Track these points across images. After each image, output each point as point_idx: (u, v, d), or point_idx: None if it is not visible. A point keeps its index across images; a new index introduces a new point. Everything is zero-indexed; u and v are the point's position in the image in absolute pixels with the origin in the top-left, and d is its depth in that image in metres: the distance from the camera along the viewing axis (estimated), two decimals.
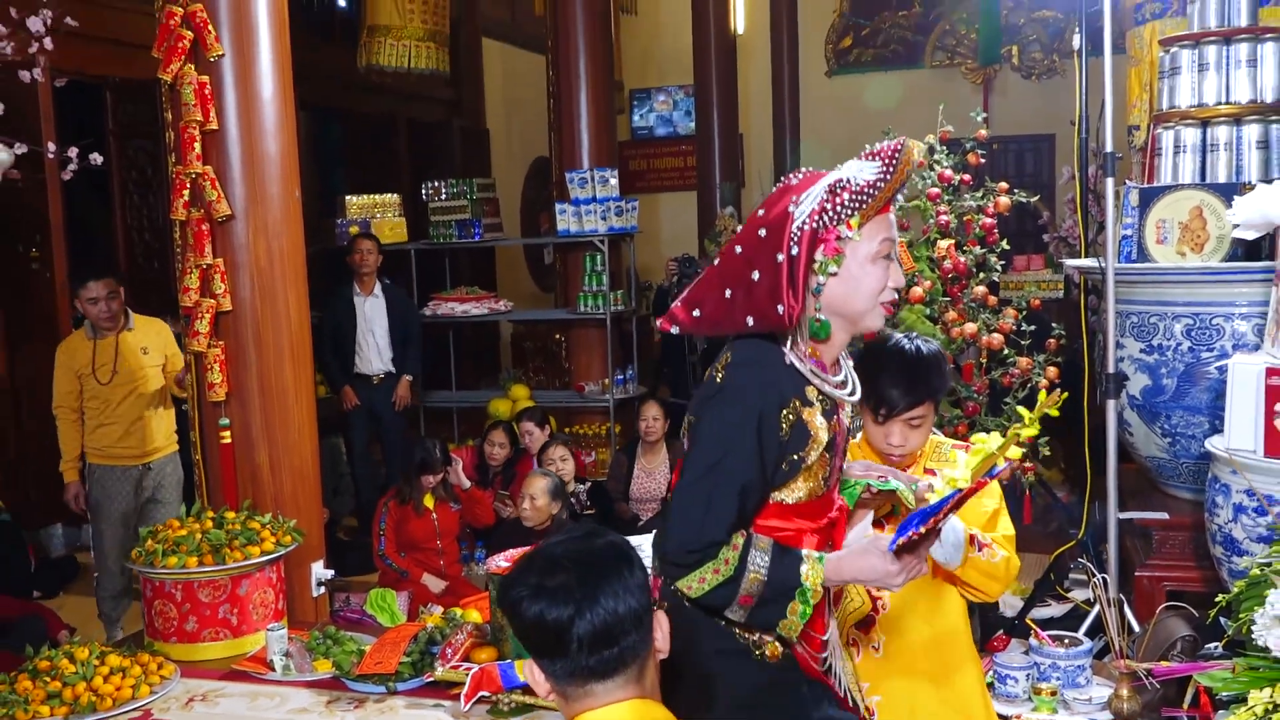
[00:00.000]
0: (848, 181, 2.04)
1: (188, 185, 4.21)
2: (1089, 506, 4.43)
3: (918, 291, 4.67)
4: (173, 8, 4.16)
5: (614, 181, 7.30)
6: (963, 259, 4.73)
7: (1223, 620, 2.92)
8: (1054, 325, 5.00)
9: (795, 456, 2.05)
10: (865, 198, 2.03)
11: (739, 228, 7.96)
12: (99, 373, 4.96)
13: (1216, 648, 2.99)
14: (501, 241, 8.48)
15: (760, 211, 2.11)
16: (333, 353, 6.62)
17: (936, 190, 4.82)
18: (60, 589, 6.06)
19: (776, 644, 2.10)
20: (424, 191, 7.85)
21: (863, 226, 2.05)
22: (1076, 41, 4.60)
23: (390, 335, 6.75)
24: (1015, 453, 2.21)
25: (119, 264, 7.14)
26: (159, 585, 3.78)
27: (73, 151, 5.16)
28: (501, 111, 12.10)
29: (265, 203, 4.28)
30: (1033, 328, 4.76)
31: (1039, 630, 3.46)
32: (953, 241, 4.76)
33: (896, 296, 2.16)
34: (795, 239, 2.02)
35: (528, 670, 1.67)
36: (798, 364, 2.07)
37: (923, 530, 1.98)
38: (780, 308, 2.00)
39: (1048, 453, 4.78)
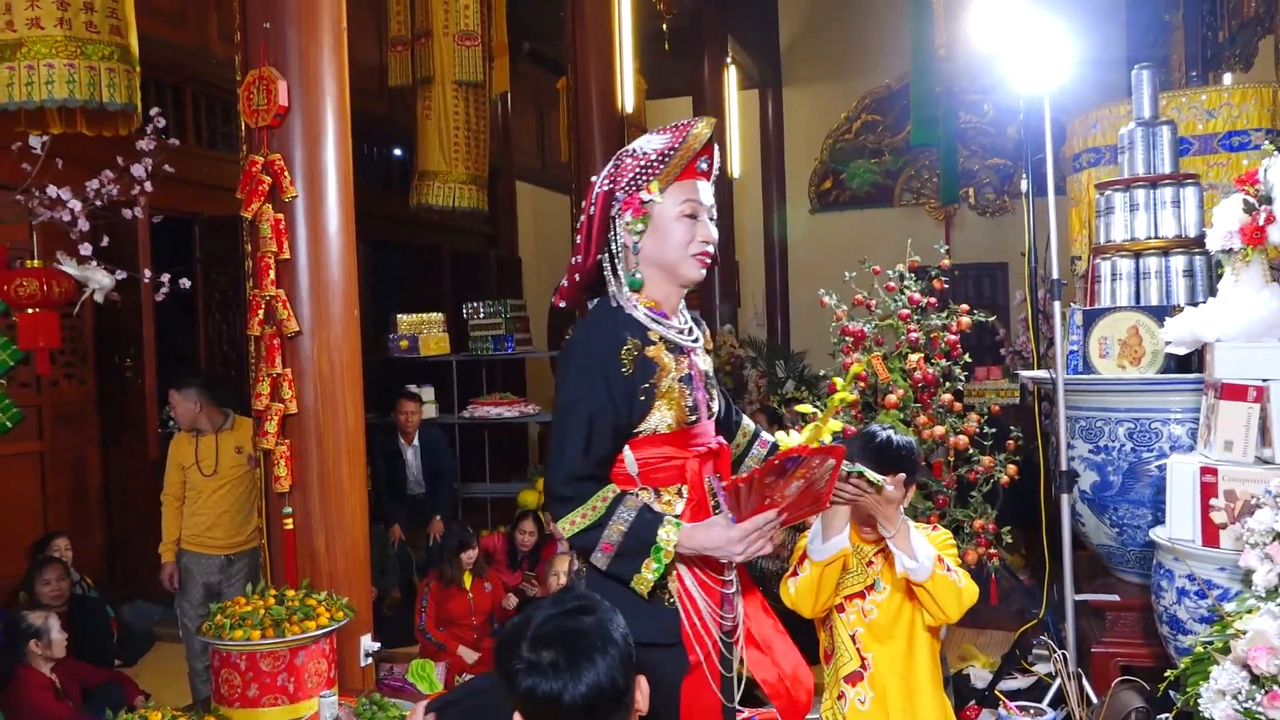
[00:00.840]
0: (634, 151, 2.13)
1: (262, 306, 4.26)
2: (1048, 589, 4.34)
3: (892, 399, 4.67)
4: (255, 156, 4.26)
5: None
6: (931, 370, 4.73)
7: (1172, 693, 2.84)
8: (1012, 428, 4.97)
9: (647, 385, 2.05)
10: (658, 165, 2.09)
11: (736, 343, 7.92)
12: (202, 465, 4.91)
13: (1167, 718, 2.90)
14: (531, 354, 8.52)
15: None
16: (386, 489, 6.64)
17: (907, 311, 4.85)
18: (139, 658, 5.95)
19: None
20: (465, 311, 7.91)
21: (664, 190, 2.11)
22: (1024, 185, 4.67)
23: (423, 472, 6.79)
24: (835, 426, 2.15)
25: (200, 372, 7.18)
26: (226, 655, 3.73)
27: (165, 277, 5.24)
28: (532, 243, 12.27)
29: (328, 321, 4.32)
30: (993, 430, 4.74)
31: (1007, 701, 3.37)
32: (922, 355, 4.77)
33: (709, 249, 2.17)
34: (593, 202, 2.12)
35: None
36: (634, 313, 2.10)
37: (749, 478, 1.91)
38: (576, 257, 2.12)
39: (1010, 540, 4.71)
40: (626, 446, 2.08)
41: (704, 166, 2.18)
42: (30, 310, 4.53)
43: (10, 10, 4.12)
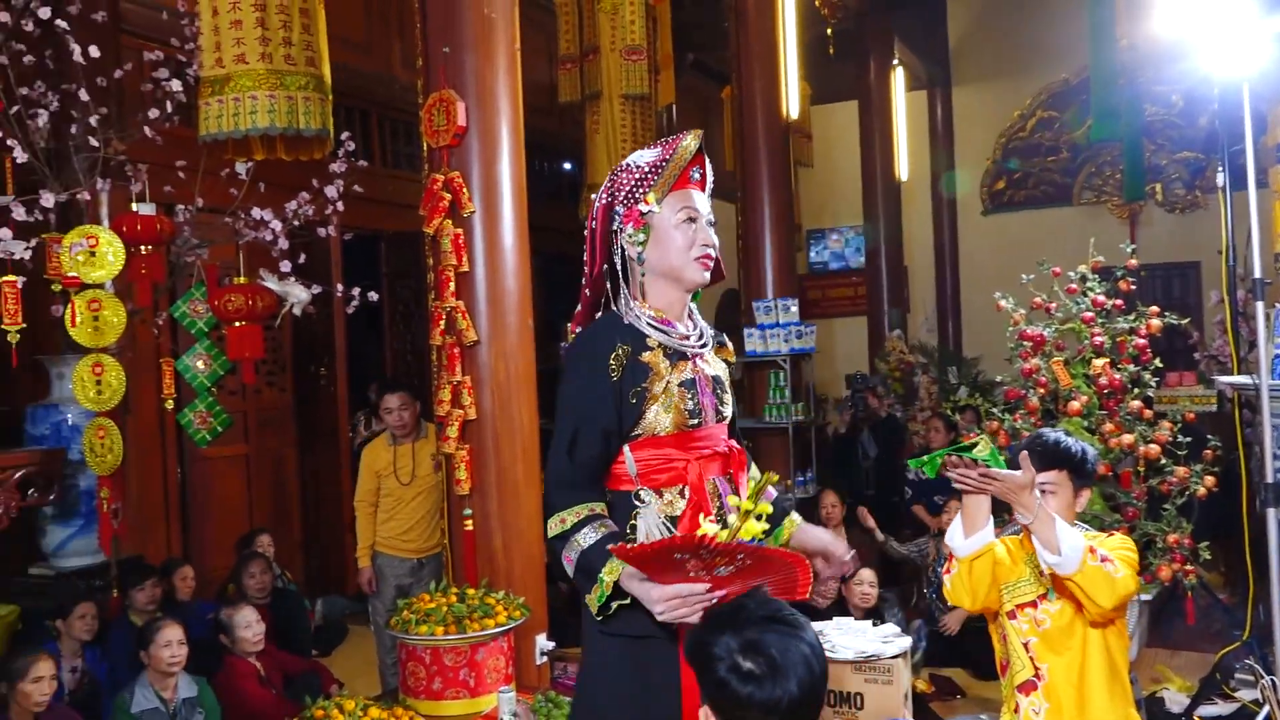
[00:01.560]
0: (628, 166, 2.19)
1: (443, 317, 4.43)
2: (1252, 610, 4.03)
3: (1075, 405, 4.44)
4: (436, 175, 4.45)
5: (794, 309, 7.28)
6: (1118, 376, 4.48)
7: None
8: (1209, 437, 4.64)
9: (638, 389, 2.10)
10: (651, 177, 2.16)
11: (906, 349, 7.72)
12: (399, 474, 4.96)
13: None
14: None
15: None
16: None
17: (1090, 314, 4.61)
18: (333, 649, 6.27)
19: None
20: None
21: (661, 200, 2.16)
22: (1220, 179, 4.36)
23: None
24: (756, 529, 1.92)
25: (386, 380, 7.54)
26: (412, 649, 3.88)
27: (355, 291, 5.53)
28: None
29: (504, 331, 4.45)
30: (1188, 439, 4.43)
31: None
32: (1107, 360, 4.52)
33: (710, 253, 2.20)
34: (594, 216, 2.20)
35: (701, 713, 1.63)
36: (636, 322, 2.16)
37: (658, 544, 1.86)
38: (586, 267, 2.22)
39: (1208, 556, 4.40)
40: (626, 448, 2.13)
41: (697, 176, 2.24)
42: (237, 323, 4.86)
43: (220, 49, 4.44)
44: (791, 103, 8.11)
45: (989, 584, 2.55)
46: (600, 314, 2.28)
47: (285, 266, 5.11)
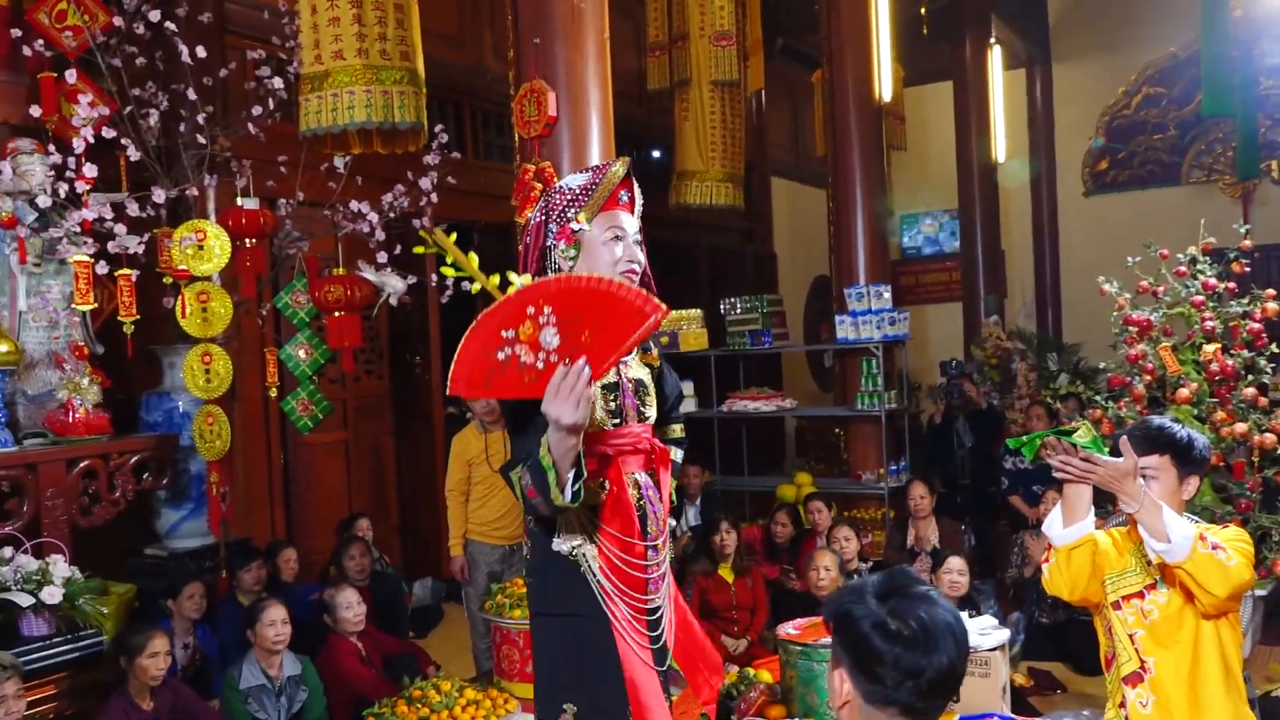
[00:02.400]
0: (560, 189, 2.38)
1: None
2: None
3: (1184, 393, 4.28)
4: (527, 165, 4.50)
5: (887, 295, 7.16)
6: (1230, 362, 4.30)
7: None
8: None
9: None
10: (582, 198, 2.35)
11: (1003, 335, 7.53)
12: (491, 461, 4.96)
13: None
14: (788, 348, 8.48)
15: None
16: None
17: (1201, 298, 4.43)
18: (429, 631, 6.41)
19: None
20: (722, 307, 7.99)
21: (591, 220, 2.34)
22: None
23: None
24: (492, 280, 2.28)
25: None
26: (506, 633, 3.95)
27: (449, 280, 5.62)
28: (787, 238, 12.20)
29: None
30: None
31: None
32: (1219, 346, 4.34)
33: (635, 268, 2.37)
34: (529, 232, 2.39)
35: (836, 676, 1.59)
36: None
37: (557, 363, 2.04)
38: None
39: None
40: None
41: (625, 199, 2.41)
42: (337, 313, 5.00)
43: (319, 46, 4.56)
44: (884, 85, 7.96)
45: (1089, 574, 2.51)
46: None
47: (382, 257, 5.22)
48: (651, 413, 2.44)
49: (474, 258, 2.34)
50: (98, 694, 3.99)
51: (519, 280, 2.27)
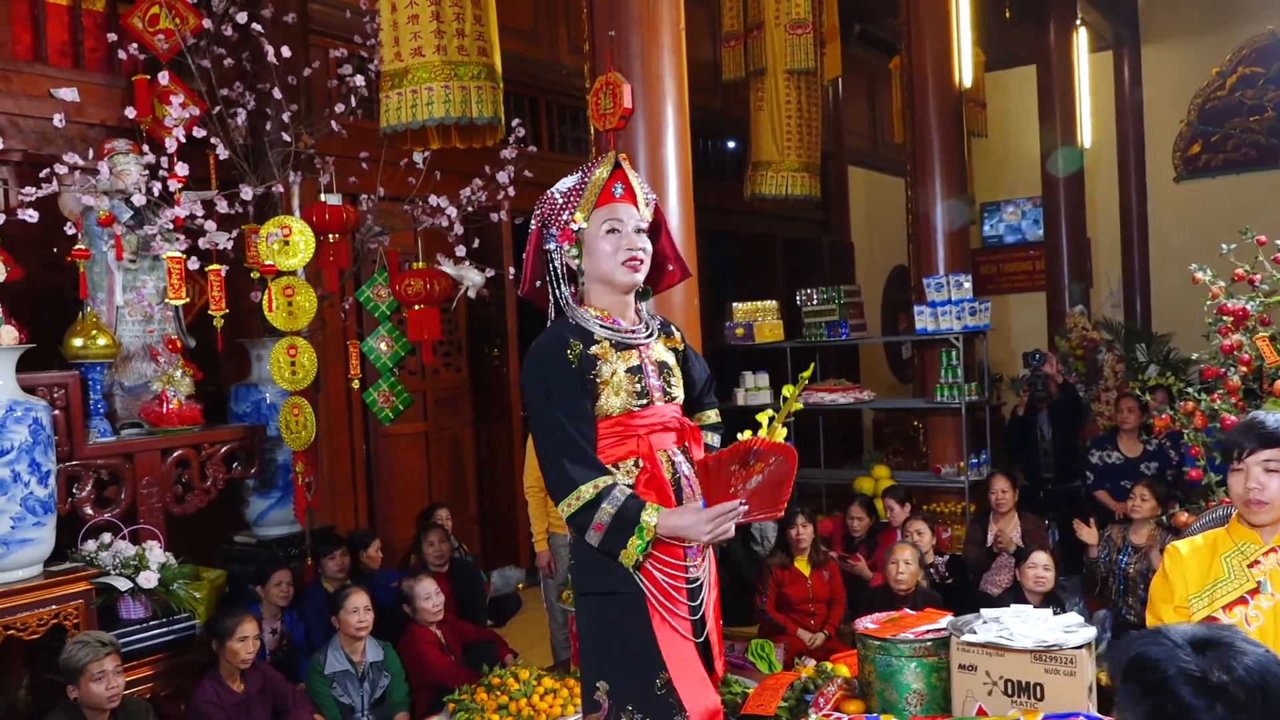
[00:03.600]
0: (550, 195, 2.53)
1: None
2: None
3: None
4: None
5: (968, 285, 7.02)
6: None
7: None
8: None
9: (590, 375, 2.40)
10: (574, 200, 2.49)
11: (1089, 325, 7.32)
12: None
13: None
14: (865, 339, 8.38)
15: None
16: None
17: None
18: (507, 620, 6.50)
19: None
20: (798, 298, 7.93)
21: (588, 217, 2.47)
22: None
23: None
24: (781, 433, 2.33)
25: None
26: None
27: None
28: (864, 227, 12.05)
29: (670, 309, 4.47)
30: None
31: None
32: None
33: (638, 254, 2.47)
34: (529, 239, 2.55)
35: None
36: (583, 322, 2.45)
37: (714, 458, 2.33)
38: (521, 287, 2.58)
39: None
40: None
41: (619, 191, 2.52)
42: (416, 306, 5.08)
43: (399, 43, 4.64)
44: (964, 70, 7.79)
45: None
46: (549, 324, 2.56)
47: (460, 251, 5.29)
48: (678, 393, 2.55)
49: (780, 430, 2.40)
50: (191, 675, 4.13)
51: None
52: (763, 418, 2.34)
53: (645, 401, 2.44)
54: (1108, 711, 3.84)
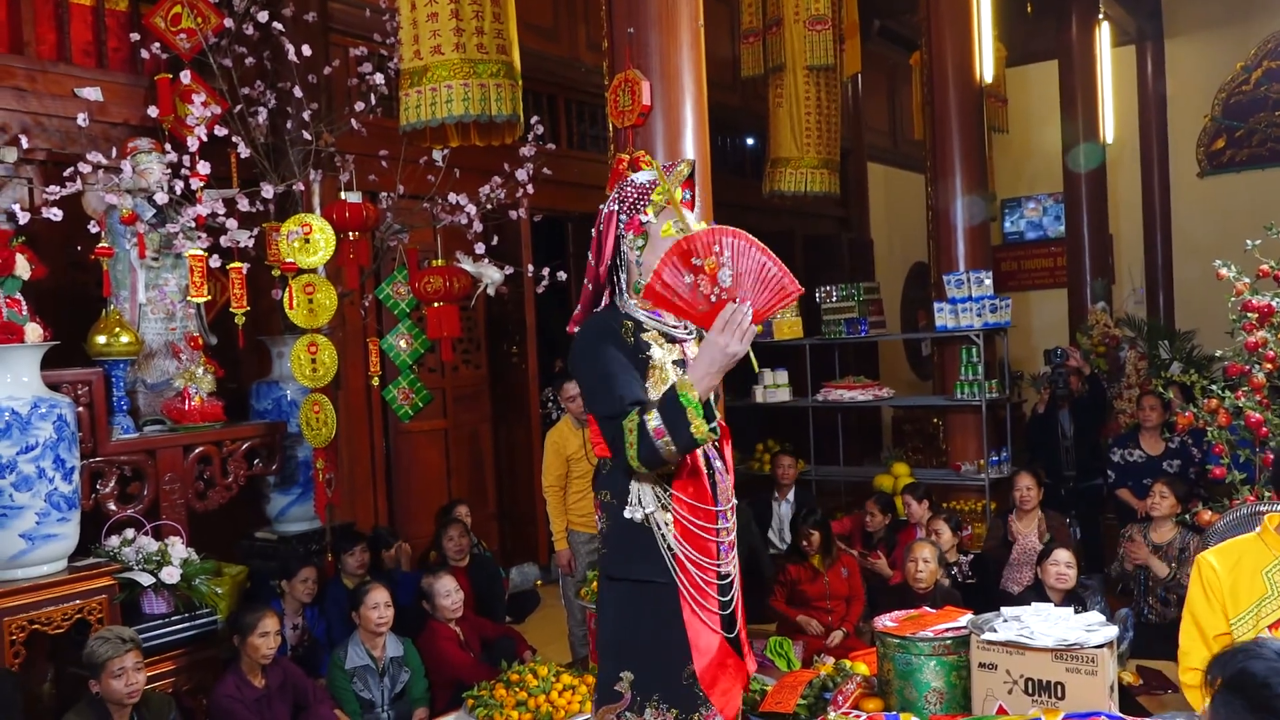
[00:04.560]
0: (632, 181, 2.55)
1: None
2: None
3: None
4: (621, 155, 4.50)
5: (988, 282, 6.98)
6: None
7: None
8: None
9: (642, 356, 2.43)
10: (648, 193, 2.51)
11: (1111, 322, 7.26)
12: (589, 456, 4.94)
13: None
14: (885, 337, 8.35)
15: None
16: None
17: None
18: (526, 616, 6.51)
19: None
20: (817, 295, 7.90)
21: (658, 215, 2.49)
22: None
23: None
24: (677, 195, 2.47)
25: None
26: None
27: (544, 271, 5.69)
28: (884, 224, 12.00)
29: None
30: None
31: None
32: None
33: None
34: (602, 221, 2.55)
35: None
36: (628, 309, 2.51)
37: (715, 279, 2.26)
38: (592, 262, 2.54)
39: None
40: None
41: (687, 196, 2.56)
42: (436, 304, 5.09)
43: (418, 41, 4.65)
44: (985, 65, 7.74)
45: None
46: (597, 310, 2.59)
47: (479, 249, 5.30)
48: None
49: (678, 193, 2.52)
50: (212, 670, 4.17)
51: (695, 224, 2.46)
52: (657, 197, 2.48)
53: None
54: (1129, 710, 3.81)
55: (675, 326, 2.52)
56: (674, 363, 2.46)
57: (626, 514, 2.39)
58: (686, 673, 2.36)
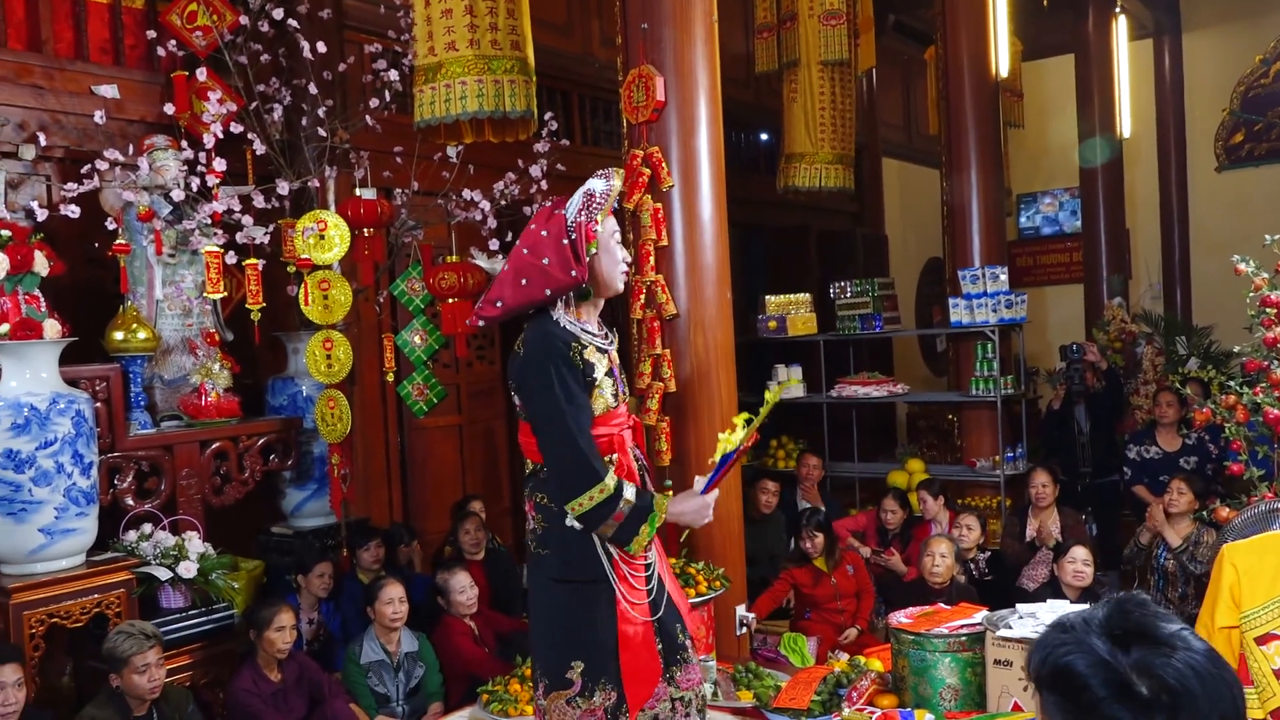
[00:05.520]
0: (592, 192, 2.73)
1: (643, 291, 4.49)
2: None
3: None
4: (635, 150, 4.51)
5: (1004, 277, 6.95)
6: None
7: None
8: None
9: (589, 379, 2.67)
10: (601, 203, 2.72)
11: (1127, 318, 7.23)
12: None
13: None
14: (899, 332, 8.32)
15: (533, 226, 2.74)
16: None
17: None
18: None
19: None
20: (831, 291, 7.88)
21: (604, 221, 2.73)
22: None
23: None
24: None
25: None
26: None
27: None
28: (899, 219, 11.95)
29: (703, 304, 4.47)
30: None
31: None
32: None
33: (628, 267, 2.85)
34: (571, 229, 2.69)
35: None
36: (565, 323, 2.70)
37: (721, 474, 2.68)
38: (574, 272, 2.66)
39: None
40: None
41: (616, 205, 2.84)
42: (450, 300, 5.10)
43: (432, 38, 4.65)
44: (1001, 60, 7.70)
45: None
46: (534, 318, 2.75)
47: (494, 244, 5.31)
48: (628, 393, 2.89)
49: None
50: (229, 664, 4.19)
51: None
52: (739, 420, 2.69)
53: (616, 403, 2.75)
54: None
55: (603, 338, 2.77)
56: (606, 374, 2.71)
57: (569, 522, 2.62)
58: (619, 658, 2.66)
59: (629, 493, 2.57)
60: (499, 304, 2.74)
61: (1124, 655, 1.08)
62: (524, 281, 2.69)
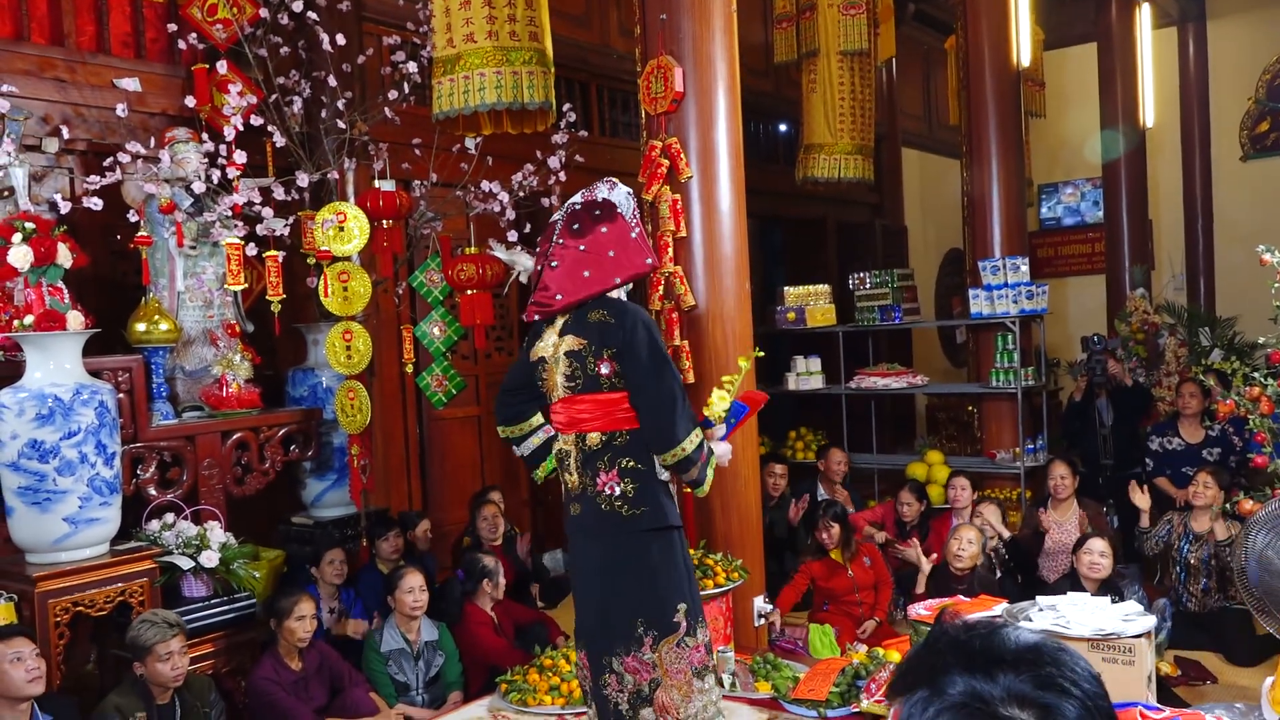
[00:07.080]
0: (632, 193, 3.00)
1: (662, 282, 4.49)
2: None
3: None
4: (654, 142, 4.49)
5: (1025, 268, 6.90)
6: None
7: None
8: None
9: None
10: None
11: (1150, 309, 7.19)
12: None
13: None
14: (919, 324, 8.27)
15: (577, 225, 2.94)
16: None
17: None
18: (558, 602, 6.53)
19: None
20: (850, 282, 7.85)
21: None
22: None
23: None
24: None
25: None
26: None
27: None
28: (918, 210, 11.88)
29: (722, 295, 4.46)
30: None
31: None
32: None
33: None
34: (636, 219, 2.97)
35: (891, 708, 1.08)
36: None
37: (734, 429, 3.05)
38: (649, 260, 2.95)
39: None
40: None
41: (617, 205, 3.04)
42: (469, 291, 5.11)
43: (450, 29, 4.66)
44: (1022, 49, 7.63)
45: None
46: (600, 298, 2.91)
47: (512, 236, 5.31)
48: None
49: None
50: (251, 653, 4.23)
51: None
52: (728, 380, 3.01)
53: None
54: (1166, 702, 3.77)
55: None
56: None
57: (661, 475, 2.84)
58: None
59: (705, 440, 2.88)
60: (559, 297, 2.91)
61: (986, 678, 1.01)
62: (586, 274, 2.88)
